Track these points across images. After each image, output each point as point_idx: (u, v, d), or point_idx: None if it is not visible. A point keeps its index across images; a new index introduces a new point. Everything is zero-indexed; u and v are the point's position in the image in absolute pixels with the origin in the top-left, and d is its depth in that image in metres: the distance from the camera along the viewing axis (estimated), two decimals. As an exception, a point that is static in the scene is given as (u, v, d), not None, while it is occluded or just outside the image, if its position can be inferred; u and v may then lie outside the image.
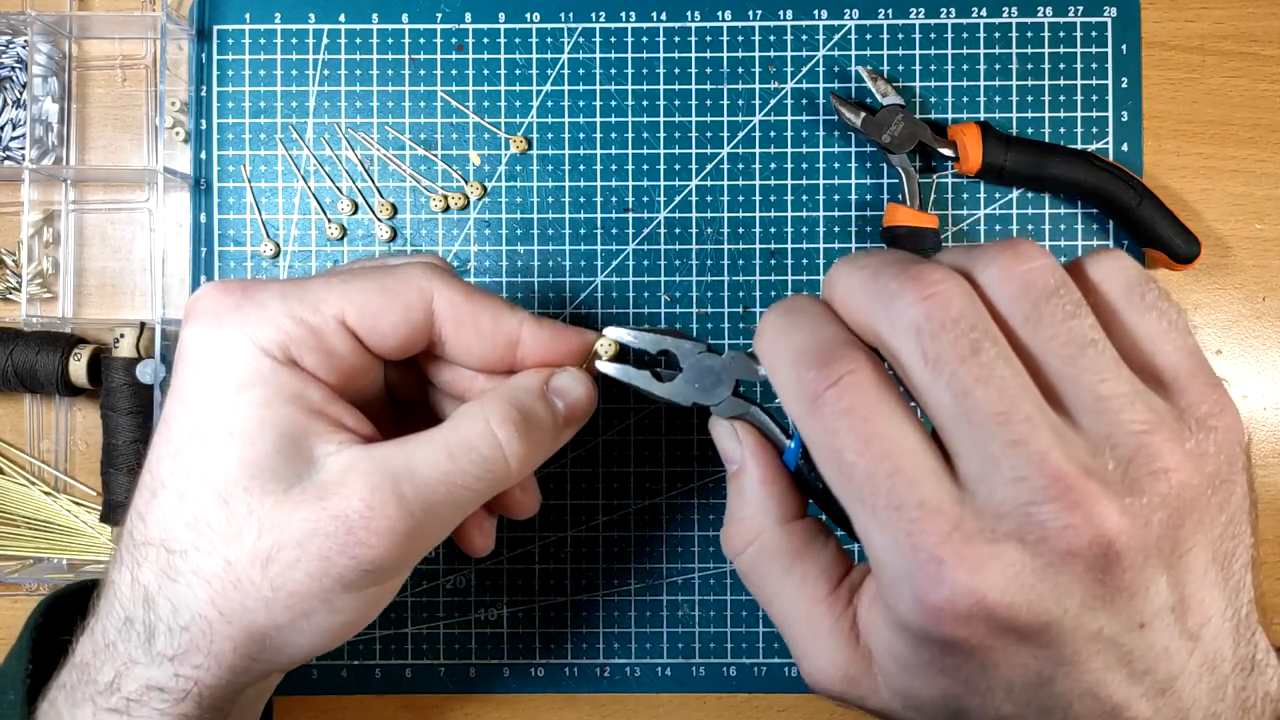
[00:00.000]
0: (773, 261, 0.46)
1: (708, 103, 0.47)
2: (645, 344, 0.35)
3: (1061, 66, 0.46)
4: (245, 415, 0.30)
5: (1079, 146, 0.46)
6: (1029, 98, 0.46)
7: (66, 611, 0.37)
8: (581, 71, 0.47)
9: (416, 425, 0.34)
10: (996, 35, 0.46)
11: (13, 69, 0.47)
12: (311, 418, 0.31)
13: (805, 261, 0.46)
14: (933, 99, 0.46)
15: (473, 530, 0.37)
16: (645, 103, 0.47)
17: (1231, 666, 0.26)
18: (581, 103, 0.47)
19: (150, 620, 0.31)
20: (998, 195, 0.46)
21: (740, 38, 0.47)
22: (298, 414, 0.31)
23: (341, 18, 0.47)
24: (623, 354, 0.36)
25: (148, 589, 0.31)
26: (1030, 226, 0.46)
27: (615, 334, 0.36)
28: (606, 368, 0.35)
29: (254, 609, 0.30)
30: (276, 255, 0.46)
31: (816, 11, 0.47)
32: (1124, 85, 0.46)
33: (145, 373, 0.43)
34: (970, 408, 0.25)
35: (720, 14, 0.47)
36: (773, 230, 0.46)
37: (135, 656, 0.31)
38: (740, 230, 0.46)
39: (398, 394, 0.38)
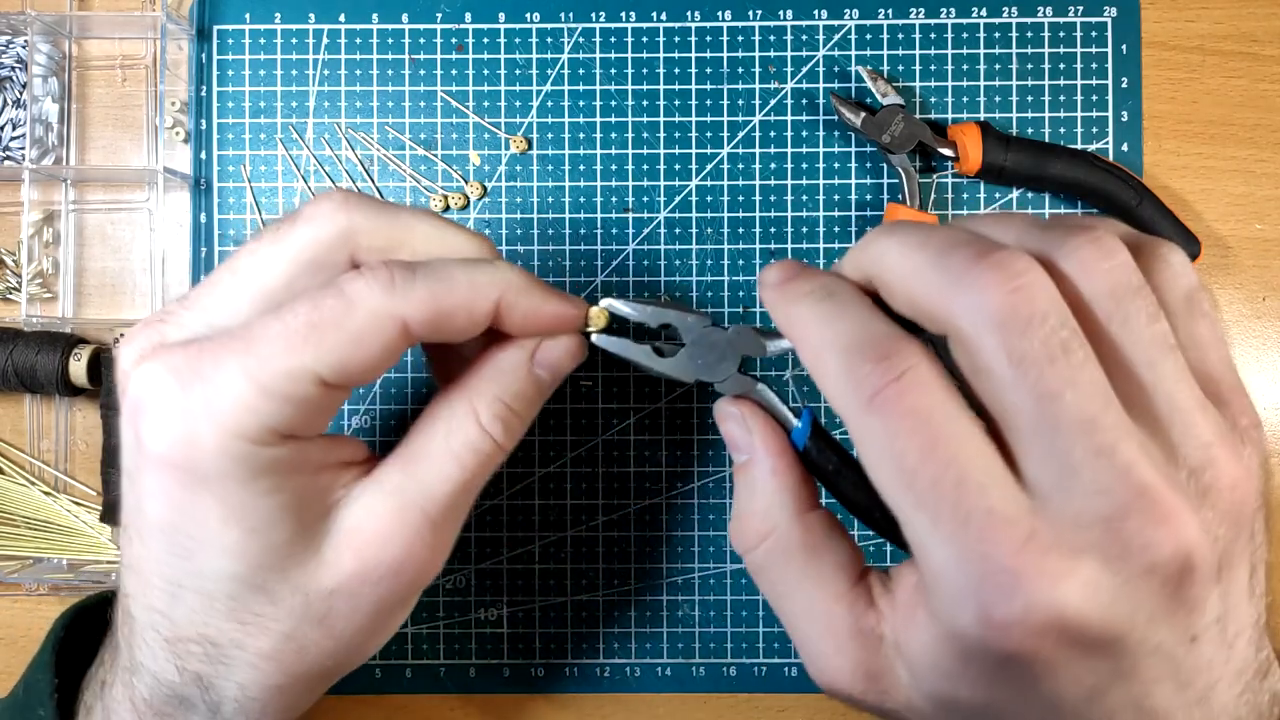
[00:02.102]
0: (773, 261, 0.46)
1: (708, 103, 0.47)
2: (646, 317, 0.34)
3: (1061, 66, 0.46)
4: (260, 508, 0.29)
5: (1079, 146, 0.46)
6: (1029, 98, 0.46)
7: (85, 623, 0.37)
8: (581, 71, 0.47)
9: None
10: (996, 35, 0.46)
11: (13, 69, 0.47)
12: (319, 476, 0.30)
13: (805, 261, 0.46)
14: (933, 99, 0.46)
15: None
16: (645, 103, 0.47)
17: (1253, 672, 0.26)
18: (581, 103, 0.47)
19: (213, 699, 0.30)
20: (998, 195, 0.46)
21: (740, 38, 0.47)
22: (307, 482, 0.30)
23: (341, 18, 0.47)
24: (623, 327, 0.34)
25: (202, 676, 0.30)
26: (1030, 226, 0.46)
27: (613, 305, 0.34)
28: (604, 341, 0.34)
29: (321, 661, 0.31)
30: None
31: (816, 11, 0.47)
32: (1124, 85, 0.46)
33: (145, 373, 0.43)
34: (1055, 413, 0.23)
35: (720, 14, 0.47)
36: (773, 230, 0.46)
37: None
38: (740, 230, 0.46)
39: None
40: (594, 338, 0.34)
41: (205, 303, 0.30)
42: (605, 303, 0.34)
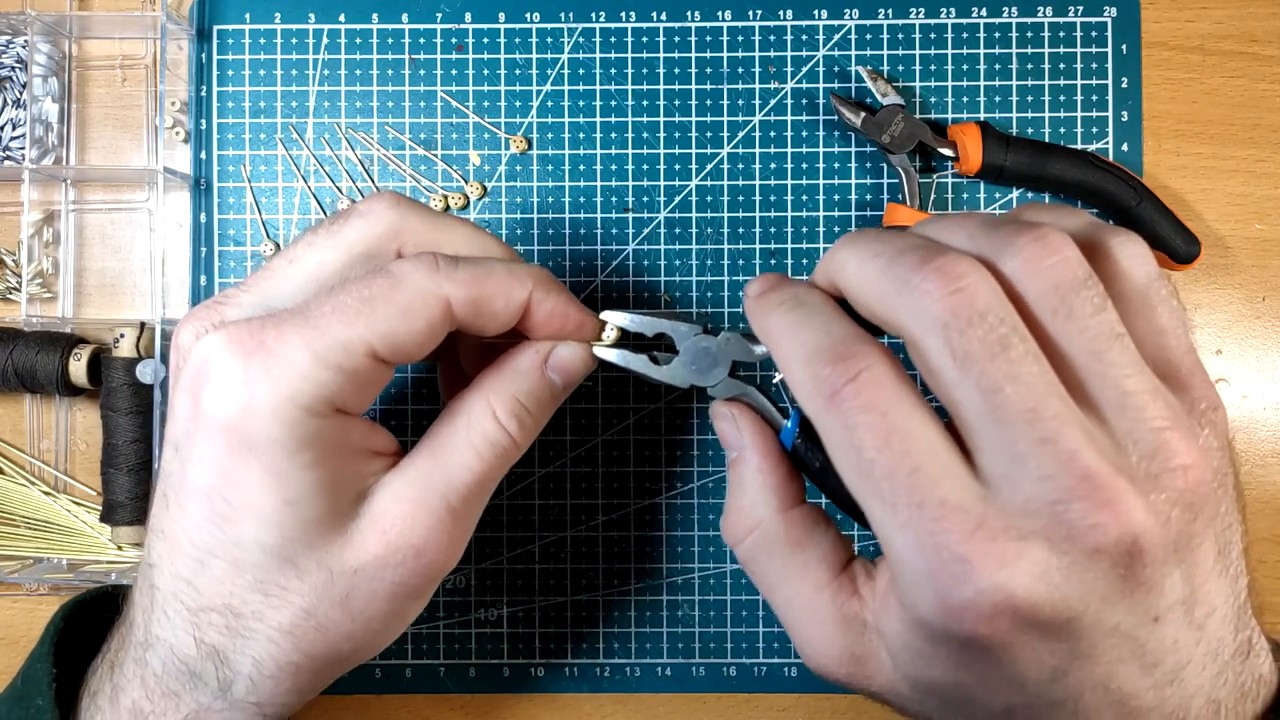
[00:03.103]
0: (773, 261, 0.46)
1: (708, 103, 0.47)
2: (642, 327, 0.36)
3: (1061, 66, 0.46)
4: (300, 480, 0.30)
5: (1079, 146, 0.46)
6: (1029, 98, 0.46)
7: (84, 618, 0.37)
8: (581, 71, 0.47)
9: None
10: (996, 35, 0.46)
11: (13, 69, 0.47)
12: (356, 459, 0.32)
13: (805, 261, 0.46)
14: (933, 99, 0.46)
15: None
16: (645, 103, 0.47)
17: (1231, 653, 0.26)
18: (581, 103, 0.47)
19: (226, 675, 0.31)
20: (998, 195, 0.46)
21: (740, 38, 0.47)
22: (345, 462, 0.31)
23: (341, 18, 0.47)
24: (620, 337, 0.36)
25: (218, 649, 0.31)
26: (1030, 226, 0.46)
27: (612, 318, 0.36)
28: (604, 352, 0.36)
29: (338, 643, 0.32)
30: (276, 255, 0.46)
31: (816, 11, 0.47)
32: (1124, 85, 0.46)
33: (145, 373, 0.43)
34: (999, 405, 0.24)
35: (720, 14, 0.47)
36: (773, 230, 0.46)
37: (210, 704, 0.31)
38: (740, 230, 0.46)
39: None
40: (595, 348, 0.36)
41: (263, 287, 0.33)
42: (605, 315, 0.36)
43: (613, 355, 0.35)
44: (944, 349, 0.25)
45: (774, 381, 0.34)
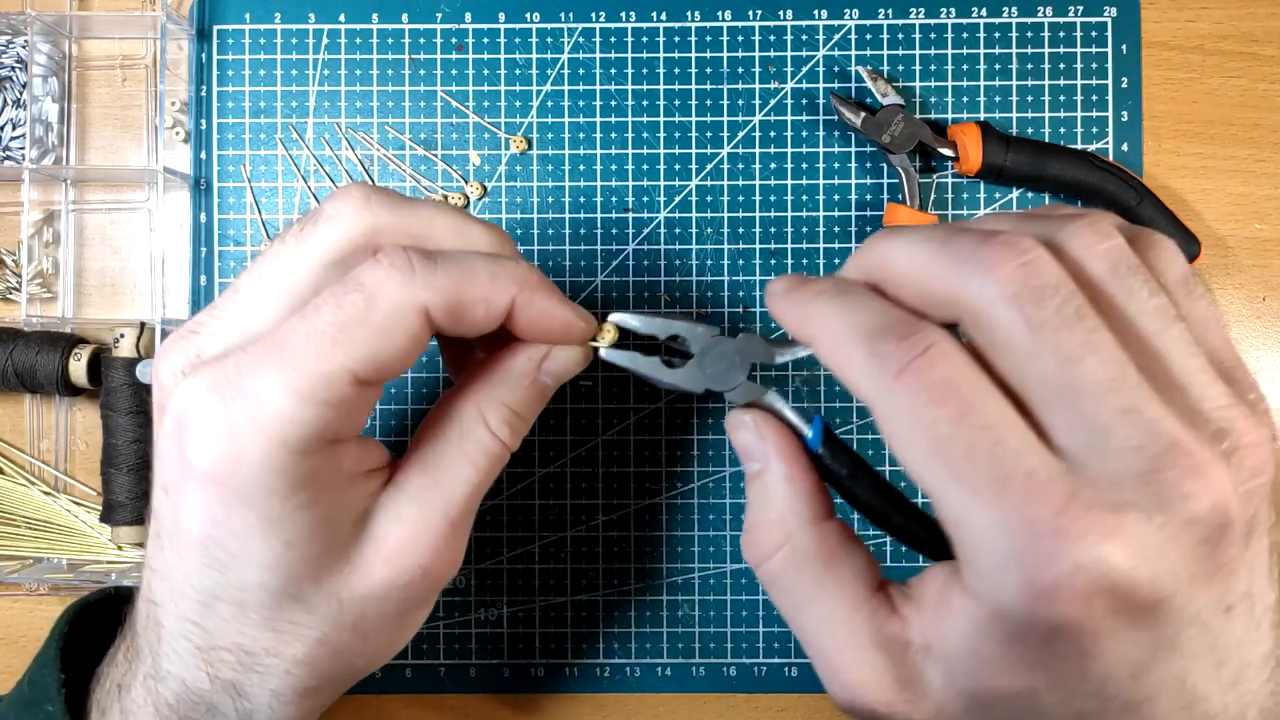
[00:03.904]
0: (773, 261, 0.46)
1: (708, 103, 0.47)
2: (654, 329, 0.34)
3: (1061, 66, 0.46)
4: (298, 522, 0.29)
5: (1079, 146, 0.46)
6: (1029, 98, 0.46)
7: (88, 620, 0.37)
8: (581, 71, 0.47)
9: None
10: (996, 35, 0.46)
11: (13, 69, 0.47)
12: (351, 484, 0.31)
13: (805, 261, 0.46)
14: (933, 99, 0.46)
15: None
16: (645, 103, 0.47)
17: (1276, 661, 0.26)
18: (581, 103, 0.47)
19: (245, 707, 0.31)
20: (998, 195, 0.46)
21: (740, 38, 0.47)
22: (341, 491, 0.30)
23: (341, 18, 0.47)
24: (629, 339, 0.34)
25: (235, 684, 0.31)
26: (1030, 226, 0.46)
27: (621, 319, 0.34)
28: (613, 356, 0.34)
29: (352, 660, 0.32)
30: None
31: (816, 11, 0.46)
32: (1124, 85, 0.46)
33: (145, 373, 0.43)
34: (1079, 375, 0.24)
35: (720, 14, 0.47)
36: (773, 230, 0.46)
37: None
38: (740, 230, 0.46)
39: None
40: (603, 353, 0.34)
41: (234, 310, 0.31)
42: (614, 317, 0.34)
43: (622, 358, 0.34)
44: (1017, 320, 0.24)
45: (791, 384, 0.33)
